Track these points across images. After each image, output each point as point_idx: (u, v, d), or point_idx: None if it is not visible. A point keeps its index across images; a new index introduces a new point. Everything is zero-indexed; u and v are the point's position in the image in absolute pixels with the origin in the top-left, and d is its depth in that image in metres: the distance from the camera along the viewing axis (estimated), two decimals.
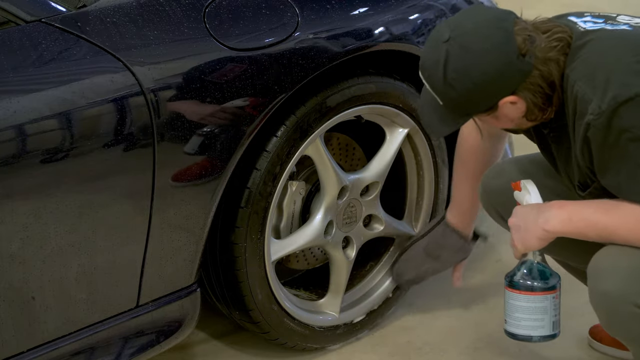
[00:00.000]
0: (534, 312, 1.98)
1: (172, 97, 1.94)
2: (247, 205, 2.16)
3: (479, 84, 1.82)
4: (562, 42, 1.85)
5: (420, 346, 2.50)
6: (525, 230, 1.95)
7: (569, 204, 1.92)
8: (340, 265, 2.43)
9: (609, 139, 1.78)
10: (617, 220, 1.85)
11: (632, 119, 1.76)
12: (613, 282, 1.86)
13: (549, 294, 1.98)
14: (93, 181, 1.86)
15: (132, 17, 1.95)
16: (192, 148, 1.98)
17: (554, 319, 1.99)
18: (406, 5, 2.34)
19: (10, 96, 1.76)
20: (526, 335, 2.01)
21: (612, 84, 1.77)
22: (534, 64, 1.82)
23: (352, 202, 2.39)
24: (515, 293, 2.00)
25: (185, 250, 2.05)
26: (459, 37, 1.82)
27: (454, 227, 2.44)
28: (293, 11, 2.13)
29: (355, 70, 2.29)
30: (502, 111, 1.88)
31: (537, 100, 1.86)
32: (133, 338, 2.04)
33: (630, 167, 1.79)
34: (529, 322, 1.99)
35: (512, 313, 2.01)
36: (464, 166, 2.37)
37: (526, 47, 1.81)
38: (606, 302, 1.88)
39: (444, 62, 1.82)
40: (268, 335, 2.35)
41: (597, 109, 1.77)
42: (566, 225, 1.90)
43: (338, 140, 2.48)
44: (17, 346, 1.86)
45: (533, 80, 1.83)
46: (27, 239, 1.80)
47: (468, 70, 1.82)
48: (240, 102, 2.03)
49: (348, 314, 2.48)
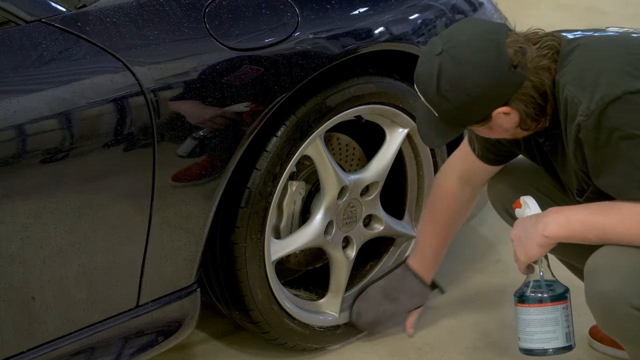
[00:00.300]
0: (546, 324, 1.97)
1: (172, 97, 1.94)
2: (247, 205, 2.16)
3: (472, 96, 1.85)
4: (552, 50, 1.87)
5: (420, 346, 2.50)
6: (526, 239, 1.95)
7: (565, 209, 1.93)
8: (340, 265, 2.43)
9: (601, 139, 1.80)
10: (615, 220, 1.86)
11: (622, 118, 1.78)
12: (610, 282, 1.86)
13: (559, 305, 1.97)
14: (93, 181, 1.86)
15: (132, 17, 1.95)
16: (192, 148, 1.98)
17: (566, 330, 1.98)
18: (406, 5, 2.34)
19: (10, 96, 1.76)
20: (541, 349, 1.99)
21: (600, 85, 1.79)
22: (525, 75, 1.85)
23: (352, 202, 2.39)
24: (525, 307, 1.99)
25: (185, 250, 2.05)
26: (452, 49, 1.85)
27: (415, 271, 2.44)
28: (293, 11, 2.13)
29: (355, 70, 2.29)
30: (496, 122, 1.91)
31: (529, 111, 1.88)
32: (133, 338, 2.04)
33: (624, 165, 1.80)
34: (541, 334, 1.98)
35: (524, 328, 2.00)
36: (433, 213, 2.39)
37: (517, 59, 1.84)
38: (602, 301, 1.88)
39: (437, 74, 1.86)
40: (268, 335, 2.35)
41: (586, 110, 1.79)
42: (564, 229, 1.90)
43: (338, 140, 2.48)
44: (17, 346, 1.86)
45: (525, 91, 1.86)
46: (27, 239, 1.80)
47: (461, 82, 1.85)
48: (240, 102, 2.03)
49: (348, 314, 2.48)
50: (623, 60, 1.83)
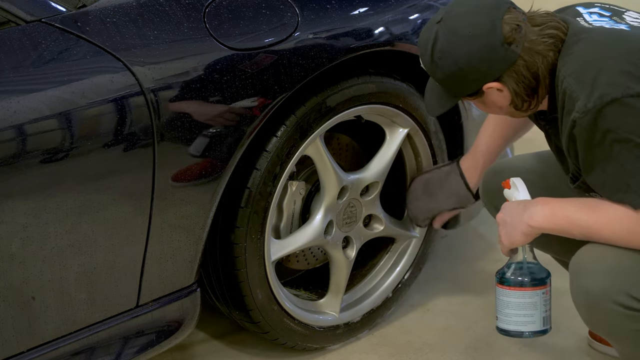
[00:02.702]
0: (524, 307, 2.00)
1: (172, 97, 1.94)
2: (247, 205, 2.16)
3: (462, 68, 1.87)
4: (554, 39, 1.87)
5: (420, 346, 2.50)
6: (511, 226, 1.97)
7: (553, 201, 1.94)
8: (340, 265, 2.43)
9: (595, 138, 1.79)
10: (601, 221, 1.86)
11: (618, 120, 1.77)
12: (594, 279, 1.88)
13: (539, 290, 2.00)
14: (93, 181, 1.86)
15: (132, 17, 1.95)
16: (192, 148, 1.98)
17: (544, 314, 2.01)
18: (406, 5, 2.34)
19: (10, 96, 1.76)
20: (517, 331, 2.03)
21: (600, 83, 1.78)
22: (520, 53, 1.85)
23: (352, 202, 2.39)
24: (505, 289, 2.02)
25: (185, 250, 2.05)
26: (450, 20, 1.88)
27: (462, 170, 2.41)
28: (293, 11, 2.13)
29: (355, 70, 2.29)
30: (489, 97, 1.92)
31: (519, 90, 1.88)
32: (133, 338, 2.04)
33: (614, 167, 1.80)
34: (519, 317, 2.01)
35: (502, 309, 2.03)
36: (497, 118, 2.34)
37: (512, 36, 1.84)
38: (587, 298, 1.90)
39: (433, 42, 1.89)
40: (268, 335, 2.35)
41: (583, 107, 1.79)
42: (549, 222, 1.92)
43: (338, 140, 2.48)
44: (17, 346, 1.86)
45: (517, 69, 1.86)
46: (27, 239, 1.80)
47: (452, 53, 1.87)
48: (240, 102, 2.03)
49: (348, 314, 2.48)
50: (627, 60, 1.82)
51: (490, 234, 3.04)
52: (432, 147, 2.51)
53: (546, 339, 2.48)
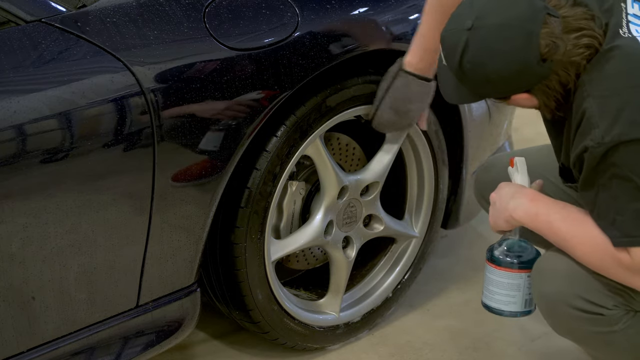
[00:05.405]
0: (508, 288, 2.02)
1: (172, 97, 1.94)
2: (247, 205, 2.16)
3: (492, 80, 1.80)
4: (590, 50, 1.78)
5: (420, 346, 2.50)
6: (498, 209, 1.98)
7: (541, 200, 1.93)
8: (340, 265, 2.43)
9: (600, 166, 1.77)
10: (577, 238, 1.86)
11: (627, 159, 1.74)
12: (551, 284, 1.91)
13: (525, 272, 2.01)
14: (93, 181, 1.86)
15: (132, 17, 1.95)
16: (192, 148, 1.98)
17: (527, 296, 2.02)
18: (406, 5, 2.34)
19: (10, 96, 1.76)
20: (498, 309, 2.05)
21: (622, 119, 1.73)
22: (553, 68, 1.77)
23: (352, 202, 2.39)
24: (492, 267, 2.03)
25: (185, 250, 2.05)
26: (482, 29, 1.77)
27: (415, 71, 2.23)
28: (293, 11, 2.13)
29: (355, 70, 2.29)
30: (515, 101, 1.86)
31: (549, 103, 1.83)
32: (133, 338, 2.04)
33: (607, 198, 1.79)
34: (501, 296, 2.03)
35: (488, 286, 2.05)
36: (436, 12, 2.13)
37: (548, 53, 1.76)
38: (546, 303, 1.93)
39: (462, 50, 1.78)
40: (268, 335, 2.35)
41: (600, 138, 1.74)
42: (531, 220, 1.92)
43: (338, 140, 2.48)
44: (17, 346, 1.86)
45: (550, 83, 1.80)
46: (27, 239, 1.80)
47: (483, 66, 1.78)
48: (240, 102, 2.03)
49: (348, 314, 2.48)
50: None
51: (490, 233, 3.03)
52: (432, 147, 2.51)
53: (546, 339, 2.48)
